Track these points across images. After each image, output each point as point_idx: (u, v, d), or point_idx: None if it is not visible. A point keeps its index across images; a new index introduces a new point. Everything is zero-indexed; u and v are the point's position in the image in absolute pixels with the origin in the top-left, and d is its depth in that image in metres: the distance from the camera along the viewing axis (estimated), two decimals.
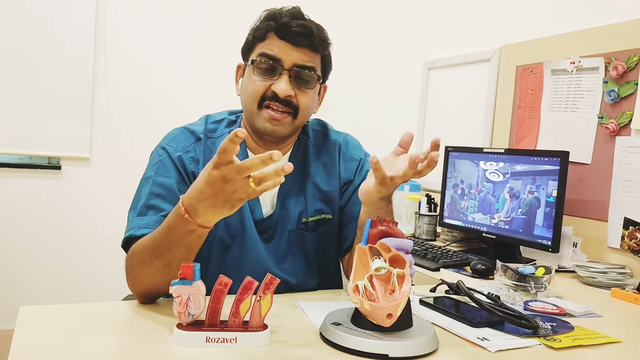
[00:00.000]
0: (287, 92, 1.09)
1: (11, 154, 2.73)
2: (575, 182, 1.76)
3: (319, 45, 1.13)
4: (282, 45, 1.10)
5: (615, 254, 1.63)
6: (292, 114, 1.12)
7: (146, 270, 0.96)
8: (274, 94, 1.10)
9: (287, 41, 1.10)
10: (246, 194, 0.82)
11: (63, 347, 0.79)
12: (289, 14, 1.12)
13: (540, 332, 0.97)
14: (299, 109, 1.12)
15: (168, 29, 2.97)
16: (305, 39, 1.10)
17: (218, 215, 0.86)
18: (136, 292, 1.02)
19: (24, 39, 2.67)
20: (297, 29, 1.09)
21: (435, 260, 1.67)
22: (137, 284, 1.00)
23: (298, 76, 1.11)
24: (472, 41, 2.34)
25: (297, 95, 1.11)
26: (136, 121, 2.93)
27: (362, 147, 1.31)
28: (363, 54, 3.14)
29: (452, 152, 2.01)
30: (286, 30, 1.10)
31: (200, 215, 0.86)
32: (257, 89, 1.11)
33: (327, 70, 1.21)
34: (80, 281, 2.84)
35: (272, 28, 1.11)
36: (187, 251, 0.93)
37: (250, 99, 1.12)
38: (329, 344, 0.84)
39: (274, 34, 1.11)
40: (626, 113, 1.63)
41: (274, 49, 1.10)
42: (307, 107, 1.14)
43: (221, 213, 0.86)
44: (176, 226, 0.89)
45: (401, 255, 0.85)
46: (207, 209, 0.85)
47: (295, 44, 1.10)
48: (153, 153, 1.17)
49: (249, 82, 1.13)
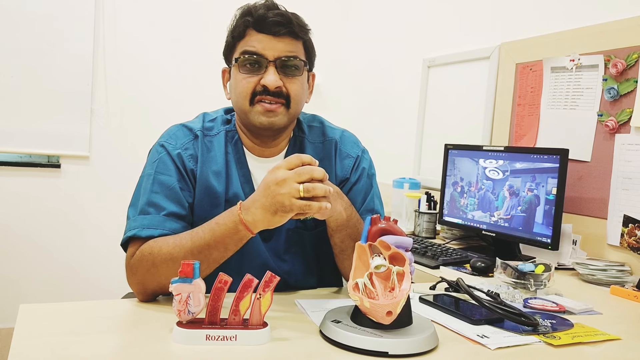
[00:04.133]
0: (276, 83, 1.09)
1: (10, 153, 2.72)
2: (574, 179, 1.76)
3: (299, 31, 1.12)
4: (263, 39, 1.10)
5: (614, 251, 1.63)
6: (285, 104, 1.12)
7: (172, 268, 0.96)
8: (264, 87, 1.09)
9: (267, 33, 1.10)
10: (291, 204, 0.91)
11: (63, 345, 0.79)
12: (263, 6, 1.11)
13: (540, 329, 0.97)
14: (291, 98, 1.12)
15: (167, 27, 2.97)
16: (284, 27, 1.10)
17: (266, 220, 0.95)
18: (143, 291, 1.02)
19: (24, 37, 2.66)
20: (275, 18, 1.09)
21: (435, 258, 1.68)
22: (150, 282, 1.01)
23: (284, 65, 1.11)
24: (472, 39, 2.34)
25: (286, 84, 1.11)
26: (136, 119, 2.92)
27: (359, 143, 1.29)
28: (363, 51, 3.13)
29: (452, 149, 2.01)
30: (264, 23, 1.09)
31: (251, 215, 0.95)
32: (246, 87, 1.11)
33: (312, 56, 1.20)
34: (80, 279, 2.84)
35: (249, 23, 1.11)
36: (225, 252, 0.99)
37: (242, 97, 1.12)
38: (329, 341, 0.84)
39: (252, 29, 1.11)
40: (626, 110, 1.63)
41: (255, 44, 1.10)
42: (299, 94, 1.14)
43: (269, 220, 0.94)
44: (225, 222, 0.97)
45: (401, 253, 0.86)
46: (258, 210, 0.94)
47: (276, 34, 1.10)
48: (152, 150, 1.17)
49: (237, 82, 1.13)
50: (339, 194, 1.09)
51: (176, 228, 1.06)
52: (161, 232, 1.04)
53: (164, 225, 1.05)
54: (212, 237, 0.98)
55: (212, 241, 0.98)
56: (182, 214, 1.09)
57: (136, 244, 1.04)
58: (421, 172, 2.61)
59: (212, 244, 0.98)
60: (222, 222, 0.98)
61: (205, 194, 1.13)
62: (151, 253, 1.01)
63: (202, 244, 0.98)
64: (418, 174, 2.61)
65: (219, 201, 1.13)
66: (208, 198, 1.13)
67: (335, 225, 1.08)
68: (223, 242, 0.98)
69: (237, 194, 1.14)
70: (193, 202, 1.12)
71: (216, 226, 0.99)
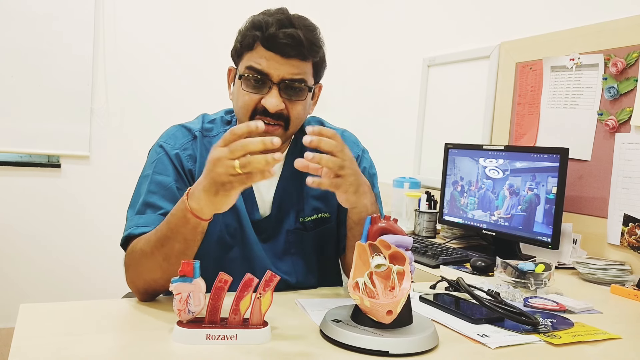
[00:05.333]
0: (277, 107, 1.06)
1: (11, 152, 2.72)
2: (575, 178, 1.76)
3: (308, 53, 1.08)
4: (270, 58, 1.06)
5: (614, 250, 1.63)
6: (284, 125, 1.10)
7: (147, 264, 0.97)
8: (265, 108, 1.07)
9: (275, 52, 1.06)
10: (232, 180, 0.84)
11: (63, 344, 0.79)
12: (276, 22, 1.06)
13: (540, 328, 0.97)
14: (291, 120, 1.10)
15: (167, 26, 2.97)
16: (293, 50, 1.06)
17: (211, 203, 0.88)
18: (136, 289, 1.02)
19: (24, 37, 2.67)
20: (284, 40, 1.04)
21: (435, 257, 1.68)
22: (137, 280, 1.01)
23: (288, 88, 1.08)
24: (472, 38, 2.34)
25: (287, 107, 1.08)
26: (136, 119, 2.92)
27: (359, 142, 1.29)
28: (363, 51, 3.13)
29: (452, 149, 2.01)
30: (273, 42, 1.05)
31: (196, 200, 0.89)
32: (247, 103, 1.09)
33: (321, 71, 1.16)
34: (80, 279, 2.85)
35: (258, 38, 1.07)
36: (185, 243, 0.94)
37: (242, 113, 1.10)
38: (329, 340, 0.84)
39: (261, 45, 1.07)
40: (626, 109, 1.63)
41: (261, 62, 1.06)
42: (299, 116, 1.12)
43: (213, 202, 0.87)
44: (176, 212, 0.93)
45: (401, 252, 0.86)
46: (201, 194, 0.88)
47: (284, 55, 1.06)
48: (151, 151, 1.17)
49: (239, 95, 1.11)
50: (369, 188, 1.04)
51: None
52: None
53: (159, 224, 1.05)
54: (168, 229, 0.94)
55: (170, 233, 0.94)
56: None
57: None
58: (421, 171, 2.61)
59: (170, 236, 0.94)
60: (174, 212, 0.94)
61: None
62: (133, 251, 1.01)
63: (162, 237, 0.95)
64: (418, 173, 2.61)
65: None
66: None
67: (357, 218, 1.04)
68: (179, 232, 0.93)
69: None
70: None
71: (170, 217, 0.95)
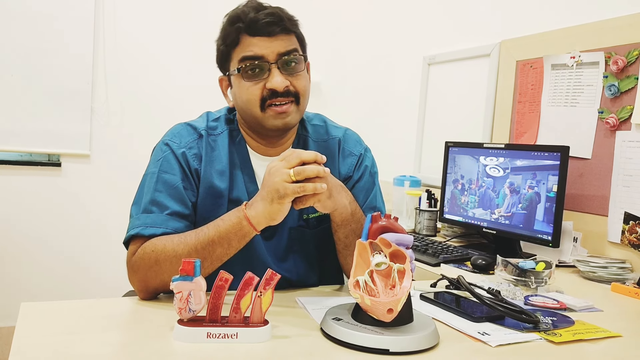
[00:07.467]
0: (283, 83, 1.08)
1: (11, 151, 2.72)
2: (575, 177, 1.76)
3: (290, 26, 1.11)
4: (258, 42, 1.09)
5: (615, 248, 1.63)
6: (295, 101, 1.12)
7: (175, 266, 0.95)
8: (272, 90, 1.09)
9: (261, 35, 1.08)
10: (284, 188, 0.93)
11: (64, 343, 0.79)
12: (251, 8, 1.10)
13: (541, 326, 0.97)
14: (300, 94, 1.12)
15: (167, 25, 2.96)
16: (277, 26, 1.09)
17: (267, 212, 0.96)
18: (144, 289, 1.03)
19: (24, 36, 2.66)
20: (266, 19, 1.08)
21: (436, 255, 1.68)
22: (152, 279, 1.01)
23: (286, 64, 1.10)
24: (472, 36, 2.33)
25: (292, 82, 1.11)
26: (136, 118, 2.92)
27: (362, 141, 1.30)
28: (363, 49, 3.13)
29: (452, 147, 2.01)
30: (257, 26, 1.08)
31: (253, 209, 0.98)
32: (254, 94, 1.10)
33: (305, 46, 1.19)
34: (81, 277, 2.85)
35: (242, 29, 1.09)
36: (228, 249, 1.00)
37: (251, 105, 1.11)
38: (330, 339, 0.84)
39: (245, 34, 1.09)
40: (626, 107, 1.63)
41: (253, 48, 1.09)
42: (306, 89, 1.14)
43: (269, 211, 0.96)
44: (229, 218, 1.00)
45: (402, 250, 0.86)
46: (258, 203, 0.97)
47: (270, 34, 1.09)
48: (156, 148, 1.17)
49: (242, 90, 1.11)
50: (343, 188, 1.09)
51: (179, 227, 1.06)
52: (164, 231, 1.04)
53: (167, 224, 1.05)
54: (216, 233, 1.00)
55: (216, 237, 0.99)
56: (185, 213, 1.09)
57: (138, 242, 1.04)
58: (422, 169, 2.61)
59: (216, 240, 0.99)
60: (227, 218, 1.01)
61: (208, 194, 1.13)
62: (154, 251, 1.01)
63: (206, 240, 1.00)
64: (418, 171, 2.61)
65: (222, 201, 1.13)
66: (211, 198, 1.13)
67: (340, 219, 1.08)
68: (227, 237, 0.99)
69: (241, 194, 1.14)
70: (196, 202, 1.12)
71: (221, 222, 1.01)
